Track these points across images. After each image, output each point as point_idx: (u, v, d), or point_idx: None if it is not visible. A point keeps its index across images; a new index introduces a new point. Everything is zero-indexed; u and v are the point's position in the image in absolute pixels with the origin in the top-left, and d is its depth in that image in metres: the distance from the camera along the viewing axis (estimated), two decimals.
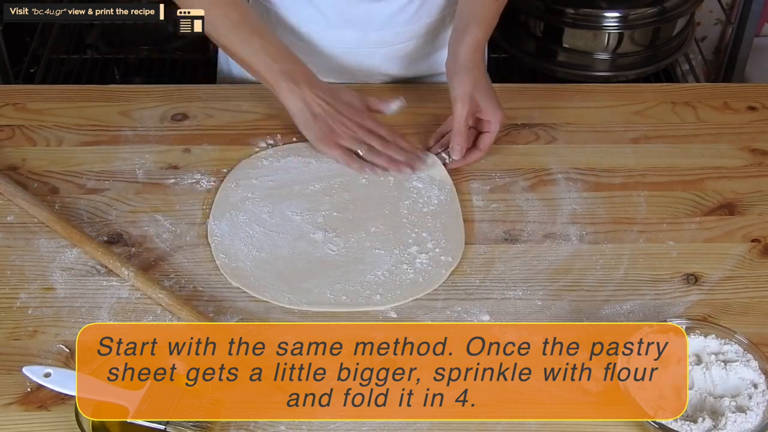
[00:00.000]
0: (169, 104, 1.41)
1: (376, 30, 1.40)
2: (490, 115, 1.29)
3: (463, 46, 1.29)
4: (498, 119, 1.29)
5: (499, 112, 1.29)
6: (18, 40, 2.35)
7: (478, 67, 1.30)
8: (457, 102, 1.27)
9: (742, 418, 0.94)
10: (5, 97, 1.42)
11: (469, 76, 1.28)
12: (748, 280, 1.14)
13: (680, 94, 1.46)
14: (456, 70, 1.29)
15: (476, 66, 1.30)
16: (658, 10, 2.05)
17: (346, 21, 1.39)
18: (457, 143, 1.28)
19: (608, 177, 1.29)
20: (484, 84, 1.30)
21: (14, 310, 1.09)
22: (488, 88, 1.30)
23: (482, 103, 1.28)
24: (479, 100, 1.28)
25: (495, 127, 1.29)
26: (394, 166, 1.27)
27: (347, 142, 1.28)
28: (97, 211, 1.23)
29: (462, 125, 1.27)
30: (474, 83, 1.28)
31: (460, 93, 1.27)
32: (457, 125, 1.27)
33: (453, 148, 1.28)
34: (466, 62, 1.29)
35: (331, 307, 1.11)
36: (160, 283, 1.11)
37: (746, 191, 1.27)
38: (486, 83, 1.31)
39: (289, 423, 0.97)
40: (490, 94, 1.30)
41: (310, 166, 1.30)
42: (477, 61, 1.30)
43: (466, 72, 1.28)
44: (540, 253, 1.18)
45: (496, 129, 1.29)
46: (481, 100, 1.28)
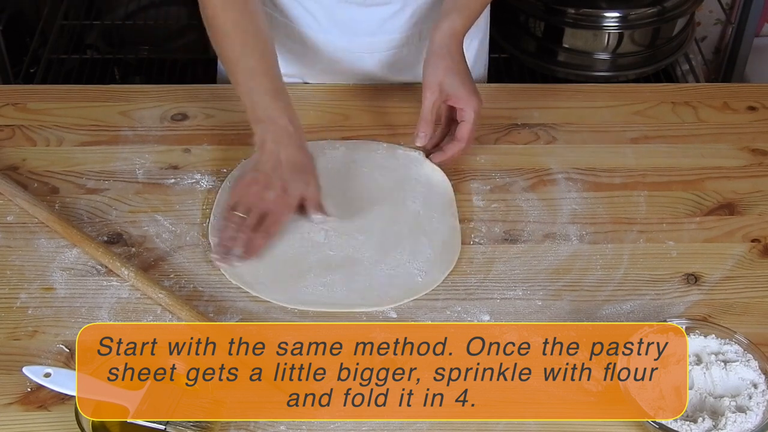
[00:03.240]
0: (169, 104, 1.41)
1: (367, 35, 1.40)
2: (463, 103, 1.26)
3: (438, 33, 1.27)
4: (472, 106, 1.25)
5: (473, 100, 1.25)
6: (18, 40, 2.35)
7: (451, 54, 1.27)
8: (425, 89, 1.26)
9: (742, 418, 0.94)
10: (5, 97, 1.42)
11: (440, 63, 1.26)
12: (748, 280, 1.14)
13: (680, 94, 1.46)
14: (428, 58, 1.27)
15: (449, 53, 1.27)
16: (658, 10, 2.05)
17: (336, 26, 1.38)
18: (420, 130, 1.27)
19: (608, 177, 1.29)
20: (457, 71, 1.27)
21: (14, 310, 1.09)
22: (462, 75, 1.27)
23: (453, 90, 1.26)
24: (449, 87, 1.26)
25: (470, 116, 1.26)
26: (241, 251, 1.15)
27: (241, 205, 1.17)
28: (97, 211, 1.23)
29: (426, 112, 1.26)
30: (445, 70, 1.26)
31: (428, 80, 1.26)
32: (422, 112, 1.26)
33: (416, 135, 1.27)
34: (438, 49, 1.27)
35: (331, 307, 1.11)
36: (160, 283, 1.11)
37: (746, 191, 1.27)
38: (459, 70, 1.27)
39: (289, 423, 0.97)
40: (463, 82, 1.26)
41: None
42: (451, 48, 1.27)
43: (437, 59, 1.26)
44: (540, 253, 1.18)
45: (471, 117, 1.26)
46: (451, 87, 1.26)
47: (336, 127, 1.37)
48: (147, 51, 2.40)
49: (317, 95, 1.43)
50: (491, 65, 1.59)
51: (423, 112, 1.27)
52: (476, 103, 1.26)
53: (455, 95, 1.26)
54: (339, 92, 1.44)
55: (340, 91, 1.44)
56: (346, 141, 1.34)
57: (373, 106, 1.41)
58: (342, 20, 1.38)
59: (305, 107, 1.38)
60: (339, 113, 1.40)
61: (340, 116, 1.40)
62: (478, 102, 1.26)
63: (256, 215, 1.16)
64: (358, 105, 1.41)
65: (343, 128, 1.37)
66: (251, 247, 1.15)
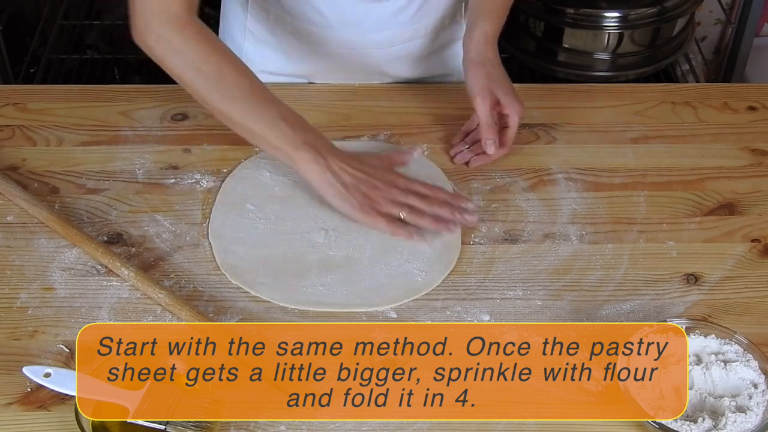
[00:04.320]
0: (169, 104, 1.41)
1: (376, 31, 1.40)
2: (509, 108, 1.28)
3: (473, 42, 1.30)
4: (517, 111, 1.28)
5: (517, 105, 1.28)
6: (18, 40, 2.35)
7: (490, 61, 1.30)
8: (476, 97, 1.27)
9: (742, 418, 0.94)
10: (5, 97, 1.42)
11: (482, 70, 1.29)
12: (748, 280, 1.14)
13: (680, 94, 1.46)
14: (468, 67, 1.30)
15: (488, 60, 1.30)
16: (658, 10, 2.05)
17: (345, 22, 1.38)
18: (488, 137, 1.27)
19: (608, 177, 1.29)
20: (499, 77, 1.30)
21: (14, 310, 1.09)
22: (504, 81, 1.30)
23: (500, 96, 1.28)
24: (497, 92, 1.28)
25: (515, 120, 1.28)
26: (441, 226, 1.17)
27: (388, 208, 1.17)
28: (97, 211, 1.23)
29: (488, 118, 1.27)
30: (488, 76, 1.28)
31: (477, 88, 1.27)
32: (483, 119, 1.27)
33: (486, 144, 1.27)
34: (476, 57, 1.29)
35: (331, 307, 1.11)
36: (160, 283, 1.11)
37: (746, 191, 1.27)
38: (501, 76, 1.30)
39: (289, 423, 0.97)
40: (506, 87, 1.29)
41: None
42: (488, 54, 1.30)
43: (478, 67, 1.29)
44: (540, 253, 1.18)
45: (515, 122, 1.28)
46: (498, 93, 1.28)
47: (337, 127, 1.37)
48: None
49: (318, 95, 1.43)
50: None
51: (482, 118, 1.27)
52: (520, 108, 1.28)
53: (504, 101, 1.28)
54: (340, 92, 1.44)
55: (341, 91, 1.44)
56: (347, 141, 1.34)
57: (374, 106, 1.41)
58: (350, 16, 1.38)
59: (306, 107, 1.38)
60: (340, 113, 1.40)
61: (341, 116, 1.40)
62: (521, 107, 1.28)
63: (399, 205, 1.17)
64: (359, 105, 1.41)
65: (344, 128, 1.37)
66: (442, 221, 1.17)
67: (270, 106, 1.19)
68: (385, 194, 1.18)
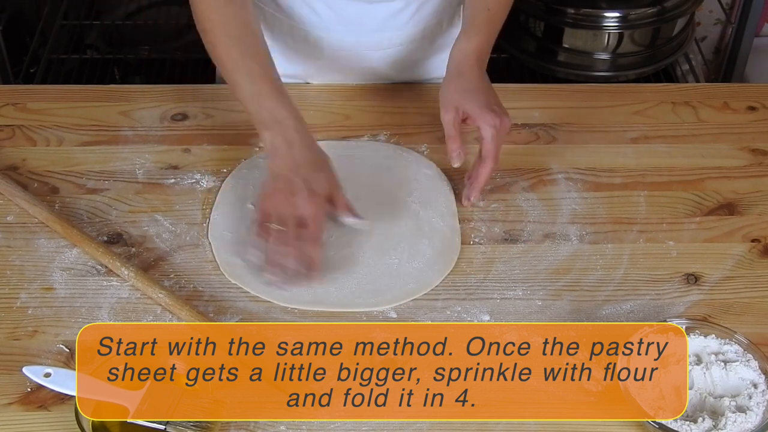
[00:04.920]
0: (169, 104, 1.41)
1: (372, 33, 1.40)
2: (478, 120, 1.21)
3: (452, 55, 1.27)
4: (488, 122, 1.20)
5: (488, 116, 1.21)
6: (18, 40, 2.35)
7: (463, 74, 1.25)
8: (441, 110, 1.23)
9: (742, 418, 0.94)
10: (5, 97, 1.42)
11: (453, 84, 1.25)
12: (748, 280, 1.14)
13: (680, 94, 1.46)
14: (444, 79, 1.26)
15: (463, 74, 1.25)
16: (658, 10, 2.05)
17: (341, 23, 1.38)
18: (451, 150, 1.23)
19: (608, 177, 1.29)
20: (475, 90, 1.24)
21: (14, 310, 1.09)
22: (475, 93, 1.24)
23: (469, 109, 1.22)
24: (465, 105, 1.22)
25: (487, 132, 1.20)
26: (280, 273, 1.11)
27: (272, 253, 1.11)
28: (97, 211, 1.23)
29: (449, 128, 1.22)
30: (457, 90, 1.24)
31: (443, 102, 1.24)
32: (446, 131, 1.23)
33: (450, 156, 1.24)
34: (452, 69, 1.26)
35: (331, 307, 1.11)
36: (160, 283, 1.11)
37: (746, 191, 1.27)
38: (477, 89, 1.24)
39: (289, 423, 0.97)
40: (480, 100, 1.23)
41: None
42: (463, 68, 1.26)
43: (450, 81, 1.25)
44: (540, 253, 1.18)
45: (488, 134, 1.20)
46: (467, 106, 1.22)
47: (337, 127, 1.37)
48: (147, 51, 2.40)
49: (318, 95, 1.43)
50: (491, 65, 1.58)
51: (446, 131, 1.23)
52: (492, 118, 1.21)
53: (469, 114, 1.22)
54: (340, 92, 1.44)
55: (341, 91, 1.44)
56: (346, 141, 1.34)
57: (374, 106, 1.41)
58: (348, 18, 1.38)
59: (306, 107, 1.38)
60: (340, 113, 1.40)
61: (341, 116, 1.40)
62: (494, 117, 1.21)
63: (293, 223, 1.11)
64: (359, 105, 1.41)
65: (344, 128, 1.37)
66: (309, 261, 1.10)
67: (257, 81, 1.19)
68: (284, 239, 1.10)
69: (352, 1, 1.35)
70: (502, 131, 1.22)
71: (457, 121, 1.23)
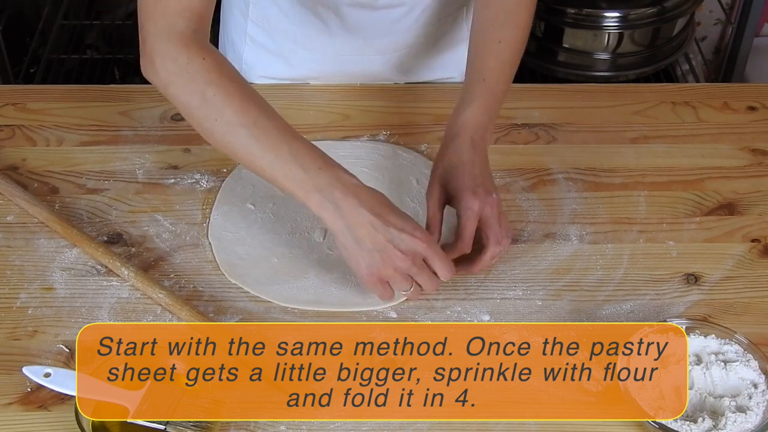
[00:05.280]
0: (169, 104, 1.40)
1: (376, 38, 1.40)
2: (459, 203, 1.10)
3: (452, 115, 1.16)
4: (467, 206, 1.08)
5: (469, 199, 1.09)
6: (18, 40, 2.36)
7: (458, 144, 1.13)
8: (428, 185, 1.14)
9: (742, 418, 0.94)
10: (5, 97, 1.42)
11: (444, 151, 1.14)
12: (748, 280, 1.14)
13: (680, 94, 1.46)
14: (441, 143, 1.16)
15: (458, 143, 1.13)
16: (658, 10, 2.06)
17: (345, 28, 1.38)
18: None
19: (608, 177, 1.29)
20: (460, 163, 1.12)
21: (14, 310, 1.09)
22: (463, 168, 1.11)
23: (452, 189, 1.12)
24: (450, 183, 1.12)
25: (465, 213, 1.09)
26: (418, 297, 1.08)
27: (397, 285, 1.05)
28: (97, 211, 1.23)
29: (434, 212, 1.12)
30: (447, 163, 1.13)
31: (431, 172, 1.14)
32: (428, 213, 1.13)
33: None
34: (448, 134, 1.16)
35: (331, 306, 1.11)
36: (160, 283, 1.11)
37: (746, 191, 1.27)
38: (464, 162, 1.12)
39: (289, 423, 0.97)
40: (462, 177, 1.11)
41: None
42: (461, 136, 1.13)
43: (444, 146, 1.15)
44: (540, 253, 1.18)
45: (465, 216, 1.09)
46: (450, 184, 1.12)
47: (336, 127, 1.37)
48: None
49: (318, 95, 1.43)
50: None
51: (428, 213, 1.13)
52: (472, 201, 1.09)
53: (452, 195, 1.12)
54: (340, 92, 1.44)
55: (341, 91, 1.44)
56: (345, 141, 1.34)
57: (374, 106, 1.41)
58: (352, 24, 1.37)
59: (305, 107, 1.38)
60: (339, 113, 1.40)
61: (340, 116, 1.39)
62: (473, 200, 1.09)
63: (407, 280, 1.05)
64: (359, 105, 1.41)
65: (343, 128, 1.37)
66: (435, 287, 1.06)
67: (281, 140, 1.03)
68: (400, 268, 1.03)
69: (357, 8, 1.35)
70: (487, 211, 1.09)
71: (441, 202, 1.13)
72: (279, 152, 1.03)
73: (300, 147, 1.04)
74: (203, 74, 1.04)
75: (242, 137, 1.04)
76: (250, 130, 1.03)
